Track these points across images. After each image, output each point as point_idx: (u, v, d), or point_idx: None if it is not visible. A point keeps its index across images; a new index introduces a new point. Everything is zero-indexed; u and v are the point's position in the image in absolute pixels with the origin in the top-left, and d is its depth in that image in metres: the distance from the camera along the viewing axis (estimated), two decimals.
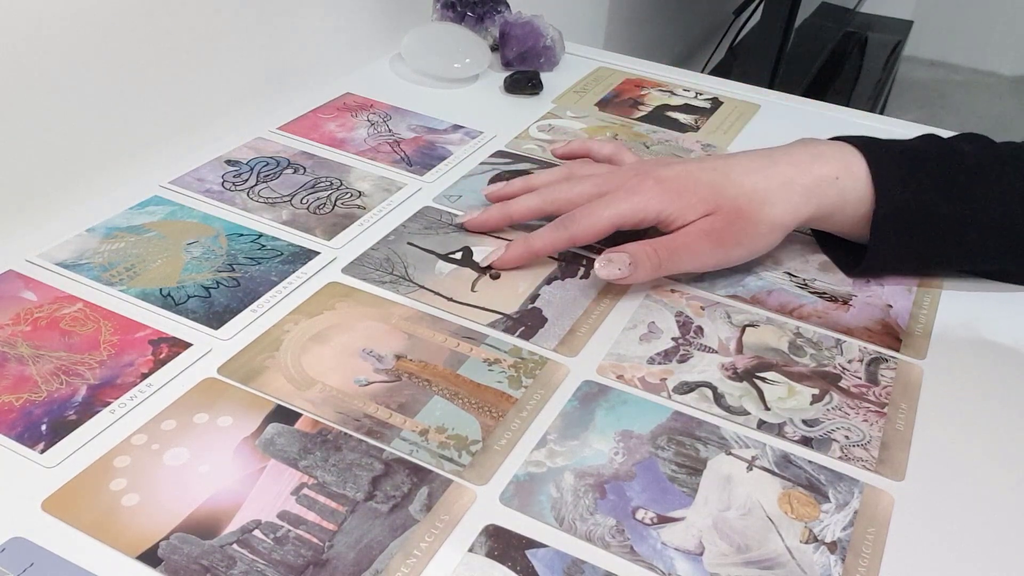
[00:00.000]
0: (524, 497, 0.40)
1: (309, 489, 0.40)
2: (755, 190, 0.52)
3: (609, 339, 0.50)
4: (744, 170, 0.53)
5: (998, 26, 2.59)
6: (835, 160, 0.53)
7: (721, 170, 0.53)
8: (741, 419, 0.45)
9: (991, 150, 0.54)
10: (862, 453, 0.43)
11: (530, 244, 0.54)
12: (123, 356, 0.46)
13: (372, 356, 0.47)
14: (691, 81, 0.81)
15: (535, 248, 0.54)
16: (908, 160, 0.53)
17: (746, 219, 0.52)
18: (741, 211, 0.51)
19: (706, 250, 0.52)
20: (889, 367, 0.49)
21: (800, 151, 0.54)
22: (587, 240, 0.53)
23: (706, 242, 0.52)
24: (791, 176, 0.52)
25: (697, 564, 0.38)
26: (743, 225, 0.52)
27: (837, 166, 0.52)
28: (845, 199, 0.52)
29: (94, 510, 0.38)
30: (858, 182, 0.52)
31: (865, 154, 0.52)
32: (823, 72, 1.64)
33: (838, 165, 0.52)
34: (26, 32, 0.52)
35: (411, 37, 0.78)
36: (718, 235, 0.52)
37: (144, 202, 0.59)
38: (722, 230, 0.52)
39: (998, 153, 0.54)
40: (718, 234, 0.52)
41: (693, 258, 0.52)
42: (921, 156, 0.53)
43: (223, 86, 0.67)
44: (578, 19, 1.30)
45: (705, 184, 0.52)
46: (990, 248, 0.53)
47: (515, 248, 0.54)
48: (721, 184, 0.52)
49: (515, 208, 0.56)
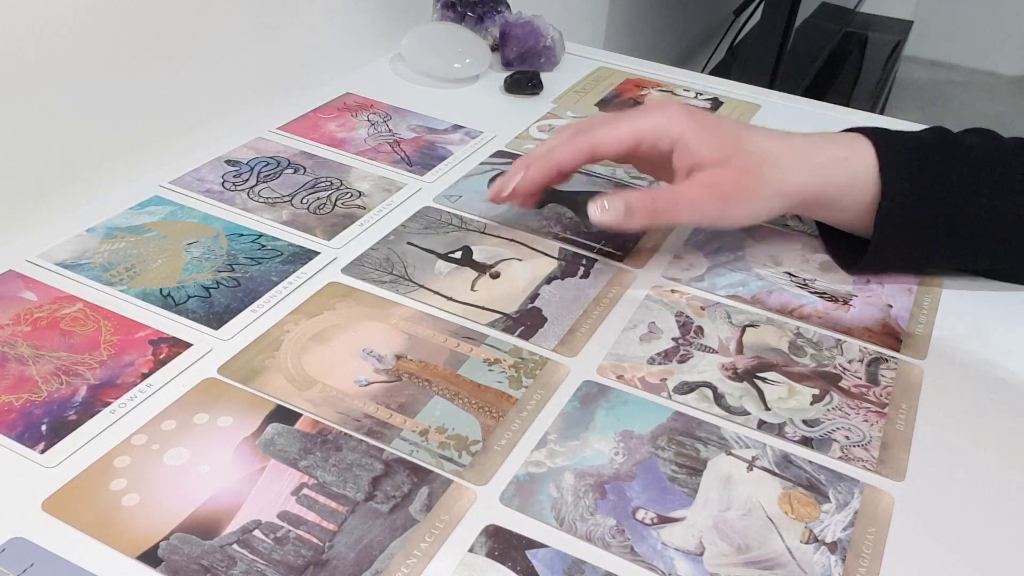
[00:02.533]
0: (524, 497, 0.40)
1: (309, 489, 0.40)
2: (769, 151, 0.52)
3: (609, 339, 0.50)
4: (763, 134, 0.53)
5: (998, 26, 2.59)
6: (847, 144, 0.53)
7: (743, 126, 0.54)
8: (741, 419, 0.45)
9: (998, 144, 0.54)
10: (862, 453, 0.43)
11: (552, 156, 0.53)
12: (123, 356, 0.46)
13: (372, 356, 0.47)
14: (691, 81, 0.81)
15: (558, 160, 0.53)
16: (915, 151, 0.53)
17: (754, 177, 0.52)
18: (751, 168, 0.52)
19: (706, 202, 0.52)
20: (889, 367, 0.49)
21: (818, 136, 0.54)
22: (609, 151, 0.53)
23: (708, 194, 0.51)
24: (806, 150, 0.53)
25: (697, 564, 0.38)
26: (749, 182, 0.52)
27: (848, 149, 0.53)
28: (853, 183, 0.52)
29: (94, 510, 0.38)
30: (867, 168, 0.52)
31: (875, 142, 0.53)
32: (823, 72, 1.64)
33: (849, 149, 0.53)
34: (27, 32, 0.52)
35: (411, 37, 0.78)
36: (722, 188, 0.51)
37: (144, 202, 0.59)
38: (727, 183, 0.51)
39: (1005, 147, 0.54)
40: (722, 187, 0.51)
41: (692, 210, 0.52)
42: (927, 148, 0.53)
43: (223, 86, 0.67)
44: (578, 19, 1.30)
45: (727, 129, 0.53)
46: (993, 243, 0.53)
47: (538, 164, 0.53)
48: (741, 135, 0.52)
49: (559, 153, 0.54)
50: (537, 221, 0.59)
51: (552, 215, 0.60)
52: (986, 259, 0.55)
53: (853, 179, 0.52)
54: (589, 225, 0.53)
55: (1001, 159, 0.53)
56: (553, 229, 0.59)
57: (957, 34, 2.64)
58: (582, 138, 0.53)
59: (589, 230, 0.58)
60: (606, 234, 0.58)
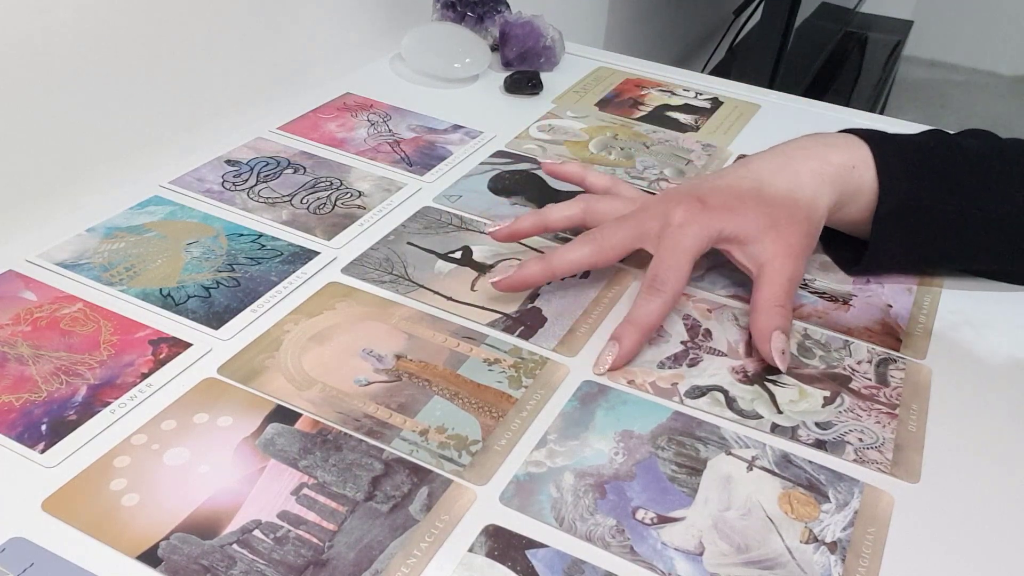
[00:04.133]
0: (524, 497, 0.40)
1: (309, 489, 0.40)
2: (792, 189, 0.51)
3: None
4: (770, 173, 0.52)
5: (998, 26, 2.59)
6: (848, 150, 0.53)
7: (750, 178, 0.52)
8: (754, 423, 0.45)
9: (996, 146, 0.54)
10: (876, 456, 0.43)
11: (637, 323, 0.48)
12: (123, 356, 0.46)
13: (372, 356, 0.47)
14: (691, 81, 0.81)
15: (637, 320, 0.49)
16: (912, 154, 0.53)
17: (802, 220, 0.50)
18: (795, 215, 0.50)
19: (800, 268, 0.50)
20: (898, 368, 0.49)
21: (811, 143, 0.54)
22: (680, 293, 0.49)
23: (794, 262, 0.50)
24: (814, 167, 0.52)
25: (697, 564, 0.38)
26: (804, 227, 0.51)
27: (851, 155, 0.52)
28: (860, 189, 0.52)
29: (94, 510, 0.38)
30: (868, 172, 0.52)
31: (871, 147, 0.52)
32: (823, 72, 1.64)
33: (852, 154, 0.52)
34: (27, 32, 0.52)
35: (411, 37, 0.78)
36: (796, 248, 0.50)
37: (144, 202, 0.59)
38: (793, 241, 0.50)
39: (1002, 149, 0.54)
40: (795, 247, 0.50)
41: (794, 285, 0.50)
42: (925, 150, 0.53)
43: (223, 86, 0.67)
44: (578, 19, 1.30)
45: (748, 194, 0.51)
46: (991, 244, 0.53)
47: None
48: (761, 191, 0.51)
49: (552, 216, 0.54)
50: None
51: None
52: (985, 260, 0.54)
53: (860, 185, 0.52)
54: None
55: (999, 160, 0.53)
56: None
57: (957, 34, 2.63)
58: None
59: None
60: None
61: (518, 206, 0.61)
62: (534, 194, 0.62)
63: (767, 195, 0.51)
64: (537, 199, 0.62)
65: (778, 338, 0.47)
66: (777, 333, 0.47)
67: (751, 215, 0.50)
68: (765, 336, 0.47)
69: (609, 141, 0.70)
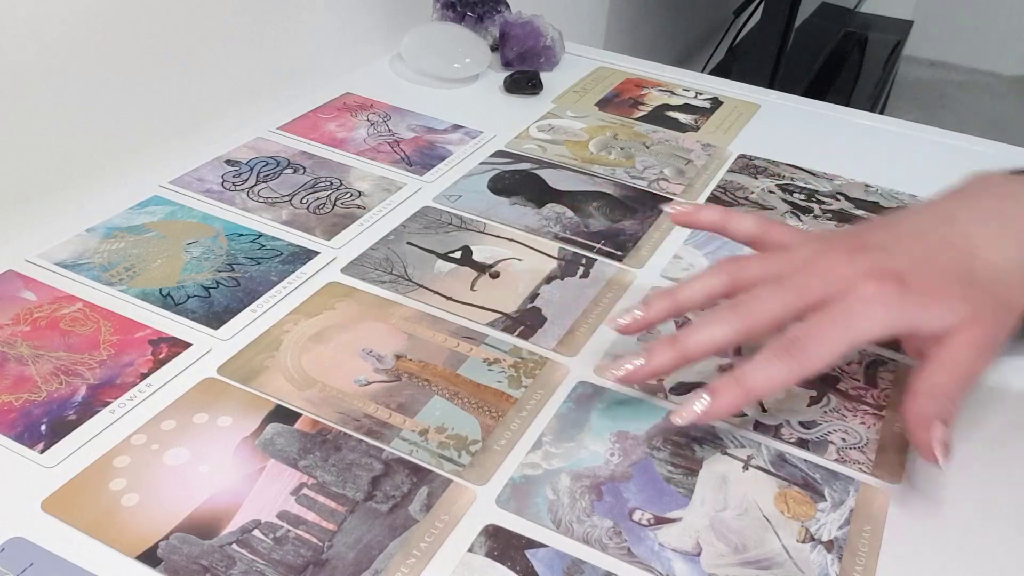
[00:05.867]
0: (520, 500, 0.40)
1: (309, 489, 0.40)
2: (1011, 269, 0.42)
3: (608, 339, 0.50)
4: (985, 240, 0.43)
5: (998, 26, 2.59)
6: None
7: (958, 246, 0.43)
8: (738, 420, 0.45)
9: None
10: (858, 455, 0.43)
11: (745, 385, 0.40)
12: (123, 356, 0.47)
13: (372, 356, 0.48)
14: (691, 81, 0.81)
15: (753, 389, 0.40)
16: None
17: (1013, 309, 0.42)
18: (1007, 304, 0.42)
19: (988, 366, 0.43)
20: (888, 370, 0.49)
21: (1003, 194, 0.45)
22: (820, 372, 0.41)
23: (985, 361, 0.42)
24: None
25: (695, 565, 0.38)
26: (1011, 321, 0.42)
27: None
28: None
29: (94, 510, 0.39)
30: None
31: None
32: (823, 72, 1.64)
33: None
34: (27, 32, 0.52)
35: (411, 37, 0.79)
36: (994, 346, 0.42)
37: (144, 202, 0.59)
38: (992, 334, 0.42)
39: None
40: (993, 344, 0.42)
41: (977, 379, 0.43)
42: None
43: (223, 86, 0.67)
44: (578, 19, 1.30)
45: (955, 276, 0.42)
46: None
47: (727, 394, 0.40)
48: (973, 271, 0.42)
49: (690, 297, 0.44)
50: (537, 221, 0.59)
51: (552, 215, 0.60)
52: None
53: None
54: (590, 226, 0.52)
55: None
56: (553, 229, 0.59)
57: (957, 34, 2.63)
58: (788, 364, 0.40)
59: (588, 230, 0.58)
60: (606, 234, 0.58)
61: (518, 206, 0.61)
62: (534, 194, 0.62)
63: (980, 278, 0.42)
64: (537, 199, 0.62)
65: (942, 430, 0.39)
66: (941, 425, 0.39)
67: (955, 303, 0.41)
68: (925, 423, 0.40)
69: (609, 141, 0.70)
